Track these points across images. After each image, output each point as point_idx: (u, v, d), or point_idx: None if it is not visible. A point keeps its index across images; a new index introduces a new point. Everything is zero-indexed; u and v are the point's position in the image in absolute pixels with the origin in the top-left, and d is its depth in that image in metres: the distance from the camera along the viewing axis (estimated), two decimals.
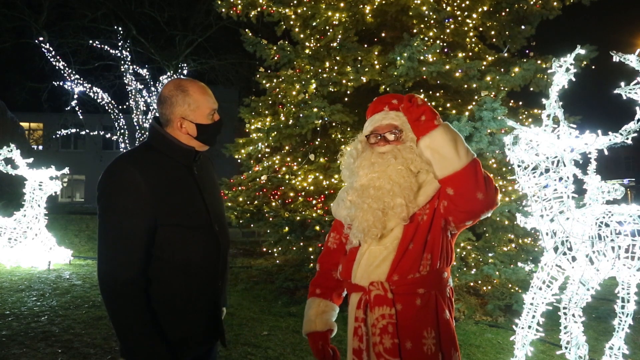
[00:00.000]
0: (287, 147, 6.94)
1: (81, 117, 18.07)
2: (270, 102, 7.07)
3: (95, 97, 16.99)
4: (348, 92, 6.44)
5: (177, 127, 1.67)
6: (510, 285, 5.54)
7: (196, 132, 1.68)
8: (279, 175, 6.58)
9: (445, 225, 1.60)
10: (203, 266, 1.63)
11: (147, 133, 1.82)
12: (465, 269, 5.34)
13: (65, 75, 16.38)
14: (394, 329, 1.52)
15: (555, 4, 6.93)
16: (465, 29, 6.80)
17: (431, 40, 6.22)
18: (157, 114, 1.75)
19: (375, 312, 1.55)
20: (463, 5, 6.70)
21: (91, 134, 18.72)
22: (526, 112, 6.41)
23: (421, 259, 1.56)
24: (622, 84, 2.91)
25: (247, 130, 7.31)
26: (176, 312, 1.58)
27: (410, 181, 1.60)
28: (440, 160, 1.51)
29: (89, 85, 16.73)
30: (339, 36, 6.54)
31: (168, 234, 1.56)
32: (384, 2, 6.46)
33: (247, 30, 7.07)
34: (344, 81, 6.12)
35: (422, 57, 5.49)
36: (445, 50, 6.51)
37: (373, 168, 1.65)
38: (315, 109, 5.90)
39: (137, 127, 17.27)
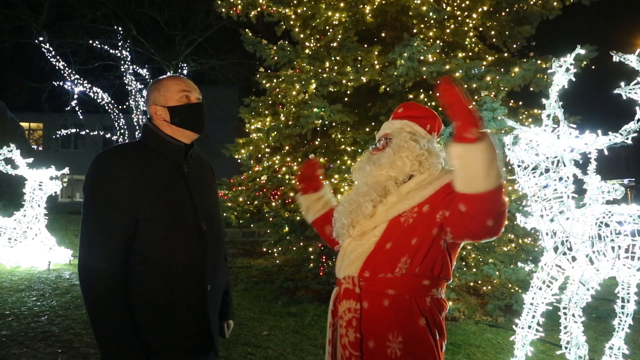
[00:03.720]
0: (287, 147, 6.94)
1: (81, 117, 18.06)
2: (270, 102, 7.08)
3: (95, 97, 17.00)
4: (348, 92, 6.44)
5: (155, 117, 1.69)
6: (510, 285, 5.55)
7: (169, 115, 1.67)
8: (279, 175, 6.59)
9: (438, 232, 1.54)
10: (187, 266, 1.58)
11: None
12: (465, 269, 5.34)
13: (65, 75, 16.38)
14: (357, 323, 1.54)
15: (555, 4, 6.94)
16: (465, 29, 6.81)
17: (431, 40, 6.22)
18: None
19: (342, 305, 1.59)
20: (463, 5, 6.71)
21: (91, 134, 18.71)
22: (526, 112, 6.41)
23: (397, 261, 1.54)
24: (622, 84, 2.92)
25: (247, 130, 7.31)
26: (156, 312, 1.53)
27: (381, 184, 1.67)
28: (467, 176, 1.39)
29: (89, 85, 16.73)
30: (339, 36, 6.54)
31: (149, 229, 1.53)
32: (384, 2, 6.46)
33: (247, 30, 7.08)
34: (344, 81, 6.12)
35: (422, 57, 5.49)
36: (446, 50, 6.52)
37: (359, 175, 1.80)
38: (315, 109, 5.91)
39: (137, 127, 17.27)
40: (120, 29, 17.12)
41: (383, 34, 6.81)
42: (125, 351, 1.46)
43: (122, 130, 17.57)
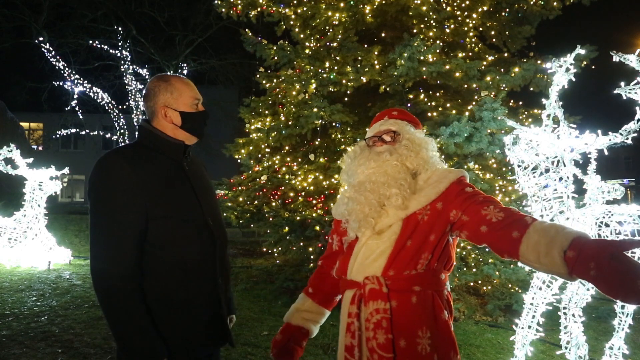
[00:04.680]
0: (287, 147, 6.94)
1: (81, 117, 18.06)
2: (270, 102, 7.08)
3: (95, 97, 16.99)
4: (348, 92, 6.44)
5: (162, 117, 1.68)
6: (510, 285, 5.54)
7: (180, 120, 1.68)
8: (279, 175, 6.59)
9: (450, 229, 1.60)
10: (199, 261, 1.61)
11: None
12: (465, 269, 5.34)
13: (65, 75, 16.37)
14: (388, 324, 1.49)
15: (555, 4, 6.94)
16: (465, 29, 6.80)
17: (431, 40, 6.22)
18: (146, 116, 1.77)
19: (369, 306, 1.53)
20: (463, 5, 6.71)
21: (91, 134, 18.71)
22: (526, 112, 6.41)
23: (419, 257, 1.55)
24: (622, 84, 2.91)
25: (247, 130, 7.31)
26: (173, 309, 1.56)
27: (405, 175, 1.64)
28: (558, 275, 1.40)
29: (89, 85, 16.72)
30: (339, 36, 6.54)
31: (160, 227, 1.54)
32: (384, 2, 6.46)
33: (247, 30, 7.08)
34: (344, 81, 6.12)
35: (422, 57, 5.49)
36: (446, 50, 6.51)
37: (369, 164, 1.70)
38: (315, 109, 5.91)
39: (137, 127, 17.25)
40: (120, 29, 17.11)
41: (383, 34, 6.81)
42: (147, 349, 1.47)
43: (122, 130, 17.56)
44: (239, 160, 7.51)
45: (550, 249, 1.33)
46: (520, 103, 6.92)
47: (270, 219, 6.30)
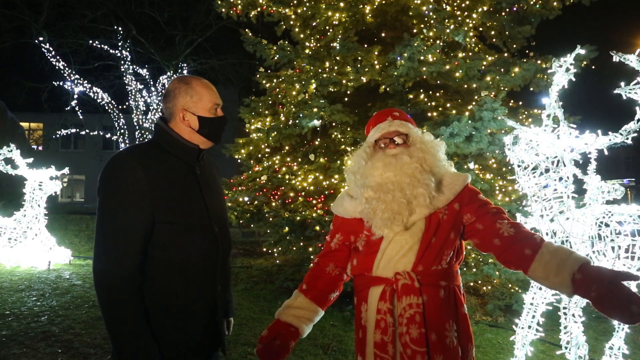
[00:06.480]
0: (287, 147, 6.94)
1: (81, 117, 18.06)
2: (270, 102, 7.07)
3: (95, 97, 16.99)
4: (348, 92, 6.44)
5: (179, 120, 1.66)
6: (510, 285, 5.55)
7: (198, 124, 1.66)
8: (279, 175, 6.58)
9: (463, 230, 1.71)
10: (201, 267, 1.60)
11: (147, 133, 1.79)
12: (465, 269, 5.34)
13: (65, 75, 16.37)
14: (421, 318, 1.53)
15: (555, 4, 6.94)
16: (465, 29, 6.80)
17: (431, 40, 6.22)
18: (161, 114, 1.75)
19: (402, 301, 1.55)
20: (463, 5, 6.70)
21: (91, 134, 18.70)
22: (526, 112, 6.41)
23: (443, 253, 1.62)
24: (622, 84, 2.91)
25: (247, 130, 7.31)
26: (171, 314, 1.55)
27: (428, 175, 1.68)
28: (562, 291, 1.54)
29: (89, 85, 16.73)
30: (339, 36, 6.54)
31: (166, 231, 1.54)
32: (384, 2, 6.46)
33: (247, 30, 7.08)
34: (344, 81, 6.12)
35: (422, 57, 5.49)
36: (446, 50, 6.51)
37: (388, 168, 1.69)
38: (315, 109, 5.91)
39: (137, 127, 17.26)
40: (120, 29, 17.11)
41: (383, 34, 6.81)
42: (141, 353, 1.47)
43: (122, 130, 17.56)
44: (239, 160, 7.51)
45: (561, 270, 1.49)
46: (520, 103, 6.92)
47: (270, 219, 6.31)
